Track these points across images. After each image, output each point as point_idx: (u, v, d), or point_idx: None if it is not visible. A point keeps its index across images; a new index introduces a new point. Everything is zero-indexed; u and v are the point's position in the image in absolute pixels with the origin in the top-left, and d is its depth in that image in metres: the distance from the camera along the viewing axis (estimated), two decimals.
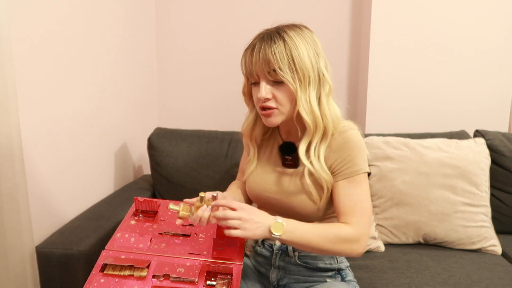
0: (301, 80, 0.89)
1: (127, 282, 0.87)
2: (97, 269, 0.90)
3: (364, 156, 0.94)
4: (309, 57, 0.90)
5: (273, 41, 0.89)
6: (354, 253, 0.90)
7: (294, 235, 0.86)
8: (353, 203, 0.91)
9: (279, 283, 1.04)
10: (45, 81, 1.14)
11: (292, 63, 0.88)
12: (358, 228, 0.89)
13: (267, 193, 1.01)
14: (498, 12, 1.74)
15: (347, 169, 0.92)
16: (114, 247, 0.97)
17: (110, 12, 1.52)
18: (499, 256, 1.38)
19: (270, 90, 0.91)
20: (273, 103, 0.92)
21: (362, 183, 0.93)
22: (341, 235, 0.88)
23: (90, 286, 0.86)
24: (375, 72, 1.80)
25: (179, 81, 2.05)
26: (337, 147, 0.93)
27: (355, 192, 0.92)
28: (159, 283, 0.88)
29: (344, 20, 1.94)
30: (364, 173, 0.93)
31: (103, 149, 1.52)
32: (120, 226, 1.05)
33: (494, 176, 1.51)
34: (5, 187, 0.95)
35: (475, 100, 1.81)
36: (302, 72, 0.89)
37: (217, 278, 0.93)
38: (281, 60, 0.87)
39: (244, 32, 1.96)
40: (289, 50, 0.88)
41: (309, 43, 0.91)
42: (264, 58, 0.88)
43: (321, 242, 0.87)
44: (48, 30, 1.14)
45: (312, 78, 0.91)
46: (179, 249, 0.99)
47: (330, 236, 0.87)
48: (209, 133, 1.64)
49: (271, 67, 0.89)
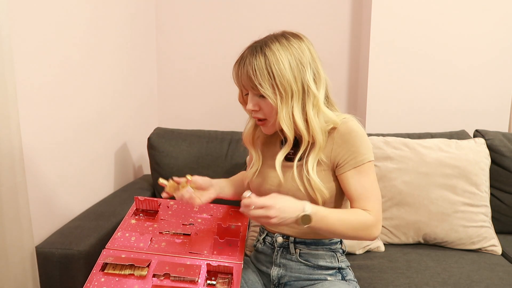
0: (282, 94, 0.90)
1: (128, 281, 0.87)
2: (98, 268, 0.90)
3: (367, 145, 0.95)
4: (292, 70, 0.90)
5: (254, 57, 0.91)
6: (371, 237, 0.93)
7: (321, 223, 0.87)
8: (365, 190, 0.94)
9: (280, 281, 1.05)
10: (45, 81, 1.14)
11: (273, 78, 0.89)
12: (375, 213, 0.93)
13: (269, 185, 1.02)
14: (499, 12, 1.74)
15: (353, 160, 0.94)
16: (115, 246, 0.97)
17: (111, 13, 1.52)
18: (499, 256, 1.38)
19: (257, 102, 0.94)
20: (261, 114, 0.96)
21: (369, 171, 0.95)
22: (363, 221, 0.91)
23: (91, 285, 0.86)
24: (375, 72, 1.80)
25: (179, 81, 2.05)
26: (340, 140, 0.95)
27: (365, 180, 0.94)
28: (159, 282, 0.88)
29: (344, 20, 1.93)
30: (369, 162, 0.95)
31: (103, 149, 1.52)
32: (121, 225, 1.05)
33: (494, 176, 1.51)
34: (5, 187, 0.95)
35: (475, 100, 1.81)
36: (283, 87, 0.90)
37: (217, 277, 0.93)
38: (261, 77, 0.89)
39: (244, 32, 1.96)
40: (269, 66, 0.89)
41: (293, 55, 0.91)
42: (246, 74, 0.92)
43: (346, 230, 0.90)
44: (48, 31, 1.14)
45: (296, 91, 0.91)
46: (180, 248, 0.99)
47: (354, 224, 0.91)
48: (209, 133, 1.64)
49: (252, 82, 0.91)
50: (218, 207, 1.16)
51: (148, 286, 0.87)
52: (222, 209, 1.17)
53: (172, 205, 1.15)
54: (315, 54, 0.96)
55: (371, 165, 0.95)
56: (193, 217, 1.11)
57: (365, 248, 1.39)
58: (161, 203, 1.15)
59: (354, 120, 0.97)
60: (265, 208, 0.82)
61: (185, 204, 1.17)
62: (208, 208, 1.15)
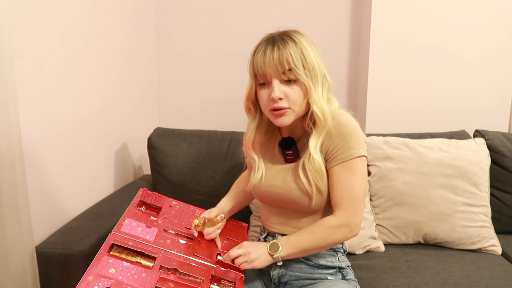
0: (312, 78, 0.95)
1: (136, 268, 0.87)
2: (105, 249, 0.90)
3: (358, 140, 0.95)
4: (315, 57, 0.96)
5: (286, 42, 0.94)
6: (348, 236, 0.96)
7: (291, 245, 0.96)
8: (344, 190, 0.95)
9: (280, 280, 1.05)
10: (45, 81, 1.14)
11: (305, 62, 0.94)
12: (344, 215, 0.94)
13: (269, 188, 1.03)
14: (499, 12, 1.74)
15: (341, 154, 0.95)
16: (121, 232, 0.96)
17: (111, 13, 1.52)
18: (499, 256, 1.38)
19: (284, 90, 0.95)
20: (286, 103, 0.95)
21: (356, 167, 0.95)
22: (327, 226, 0.95)
23: (99, 263, 0.85)
24: (375, 72, 1.80)
25: (179, 81, 2.05)
26: (331, 133, 0.96)
27: (347, 178, 0.95)
28: (166, 275, 0.88)
29: (344, 20, 1.93)
30: (358, 157, 0.95)
31: (103, 149, 1.52)
32: (126, 213, 1.04)
33: (494, 176, 1.51)
34: (5, 187, 0.95)
35: (475, 100, 1.81)
36: (314, 71, 0.95)
37: (220, 283, 0.93)
38: (296, 60, 0.93)
39: (244, 32, 1.97)
40: (301, 51, 0.94)
41: (312, 46, 0.97)
42: (279, 58, 0.93)
43: (313, 240, 0.95)
44: (48, 31, 1.14)
45: (320, 76, 0.96)
46: (185, 249, 0.99)
47: (318, 233, 0.95)
48: (209, 133, 1.64)
49: (287, 66, 0.93)
50: None
51: (156, 276, 0.87)
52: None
53: (174, 205, 1.16)
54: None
55: (359, 160, 0.95)
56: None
57: (365, 248, 1.39)
58: (165, 201, 1.15)
59: (346, 114, 0.98)
60: (243, 256, 0.95)
61: (186, 206, 1.18)
62: None
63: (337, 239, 0.96)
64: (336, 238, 0.95)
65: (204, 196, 1.55)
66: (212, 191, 1.55)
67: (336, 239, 0.96)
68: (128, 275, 0.85)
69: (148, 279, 0.85)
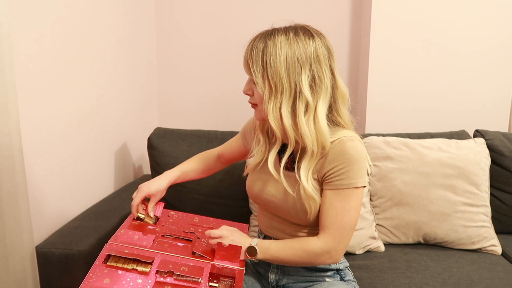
0: (272, 87, 0.88)
1: (131, 275, 0.87)
2: (101, 260, 0.90)
3: (360, 170, 0.89)
4: (287, 66, 0.87)
5: (256, 42, 0.90)
6: (327, 262, 0.94)
7: (268, 254, 0.95)
8: (334, 216, 0.90)
9: (278, 283, 1.05)
10: (45, 81, 1.14)
11: (265, 69, 0.88)
12: (328, 241, 0.91)
13: (265, 194, 1.02)
14: (499, 12, 1.74)
15: (337, 181, 0.90)
16: (118, 241, 0.97)
17: (110, 11, 1.53)
18: (499, 256, 1.38)
19: (251, 87, 0.95)
20: (253, 100, 0.96)
21: (350, 197, 0.90)
22: (308, 249, 0.92)
23: (94, 275, 0.85)
24: (375, 72, 1.80)
25: (179, 81, 2.05)
26: (332, 157, 0.90)
27: (340, 206, 0.90)
28: (162, 279, 0.88)
29: (344, 20, 1.94)
30: (355, 188, 0.89)
31: (103, 149, 1.52)
32: (123, 225, 1.05)
33: (494, 176, 1.52)
34: (5, 187, 0.95)
35: (475, 100, 1.81)
36: (274, 81, 0.87)
37: (219, 280, 0.93)
38: (255, 63, 0.89)
39: (244, 32, 1.95)
40: (265, 56, 0.87)
41: (293, 52, 0.87)
42: (245, 57, 0.92)
43: (292, 257, 0.94)
44: (48, 29, 1.14)
45: (287, 89, 0.87)
46: (183, 250, 0.99)
47: (298, 252, 0.93)
48: (209, 133, 1.64)
49: (248, 66, 0.92)
50: (217, 221, 1.18)
51: (152, 281, 0.87)
52: (221, 223, 1.18)
53: (172, 215, 1.16)
54: (324, 57, 0.91)
55: (356, 191, 0.90)
56: (194, 227, 1.11)
57: (365, 248, 1.39)
58: (163, 212, 1.16)
59: (355, 141, 0.90)
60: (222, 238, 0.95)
61: (185, 215, 1.19)
62: (207, 221, 1.17)
63: (315, 263, 0.95)
64: (315, 262, 0.94)
65: (204, 196, 1.55)
66: (212, 191, 1.55)
67: (314, 263, 0.95)
68: (123, 283, 0.85)
69: (144, 285, 0.85)
